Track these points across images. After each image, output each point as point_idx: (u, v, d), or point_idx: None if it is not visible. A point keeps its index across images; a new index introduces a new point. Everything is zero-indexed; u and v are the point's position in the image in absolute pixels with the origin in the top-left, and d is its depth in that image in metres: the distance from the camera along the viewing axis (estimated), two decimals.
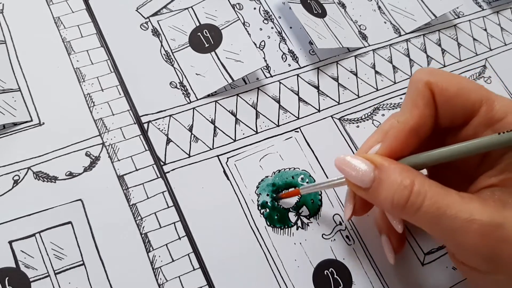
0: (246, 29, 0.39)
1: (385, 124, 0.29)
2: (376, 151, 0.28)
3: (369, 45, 0.41)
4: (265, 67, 0.38)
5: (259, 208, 0.32)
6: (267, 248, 0.31)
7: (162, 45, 0.37)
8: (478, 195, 0.26)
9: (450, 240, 0.25)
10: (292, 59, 0.39)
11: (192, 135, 0.34)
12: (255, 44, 0.39)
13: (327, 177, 0.34)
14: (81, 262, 0.29)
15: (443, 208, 0.23)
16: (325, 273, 0.31)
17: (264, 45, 0.39)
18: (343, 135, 0.36)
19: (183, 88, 0.36)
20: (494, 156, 0.26)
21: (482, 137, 0.25)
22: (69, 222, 0.30)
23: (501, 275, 0.24)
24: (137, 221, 0.30)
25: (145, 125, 0.34)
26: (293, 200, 0.33)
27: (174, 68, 0.36)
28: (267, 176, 0.34)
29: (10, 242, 0.28)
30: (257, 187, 0.33)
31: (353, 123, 0.37)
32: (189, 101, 0.35)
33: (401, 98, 0.39)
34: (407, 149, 0.27)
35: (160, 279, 0.29)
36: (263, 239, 0.31)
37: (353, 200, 0.30)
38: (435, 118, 0.27)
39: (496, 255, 0.23)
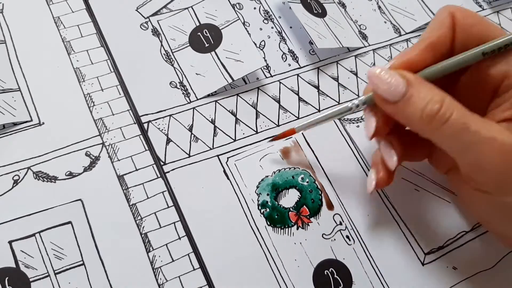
0: (246, 29, 0.39)
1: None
2: (392, 61, 0.28)
3: (369, 45, 0.41)
4: (265, 67, 0.38)
5: (259, 207, 0.32)
6: (267, 248, 0.31)
7: (162, 45, 0.37)
8: None
9: (469, 156, 0.26)
10: (292, 59, 0.39)
11: (192, 135, 0.34)
12: (255, 44, 0.39)
13: (327, 177, 0.34)
14: (81, 262, 0.29)
15: (468, 123, 0.25)
16: (325, 273, 0.31)
17: (264, 45, 0.39)
18: (343, 135, 0.36)
19: (183, 88, 0.36)
20: (506, 90, 0.28)
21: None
22: (69, 222, 0.30)
23: (511, 196, 0.26)
24: (137, 221, 0.30)
25: (145, 125, 0.34)
26: (294, 199, 0.33)
27: (174, 68, 0.36)
28: (267, 176, 0.34)
29: (10, 242, 0.28)
30: (257, 187, 0.33)
31: (353, 123, 0.37)
32: (189, 101, 0.35)
33: None
34: (421, 64, 0.28)
35: (160, 279, 0.29)
36: (263, 239, 0.31)
37: (375, 117, 0.29)
38: (452, 42, 0.29)
39: (511, 175, 0.25)
